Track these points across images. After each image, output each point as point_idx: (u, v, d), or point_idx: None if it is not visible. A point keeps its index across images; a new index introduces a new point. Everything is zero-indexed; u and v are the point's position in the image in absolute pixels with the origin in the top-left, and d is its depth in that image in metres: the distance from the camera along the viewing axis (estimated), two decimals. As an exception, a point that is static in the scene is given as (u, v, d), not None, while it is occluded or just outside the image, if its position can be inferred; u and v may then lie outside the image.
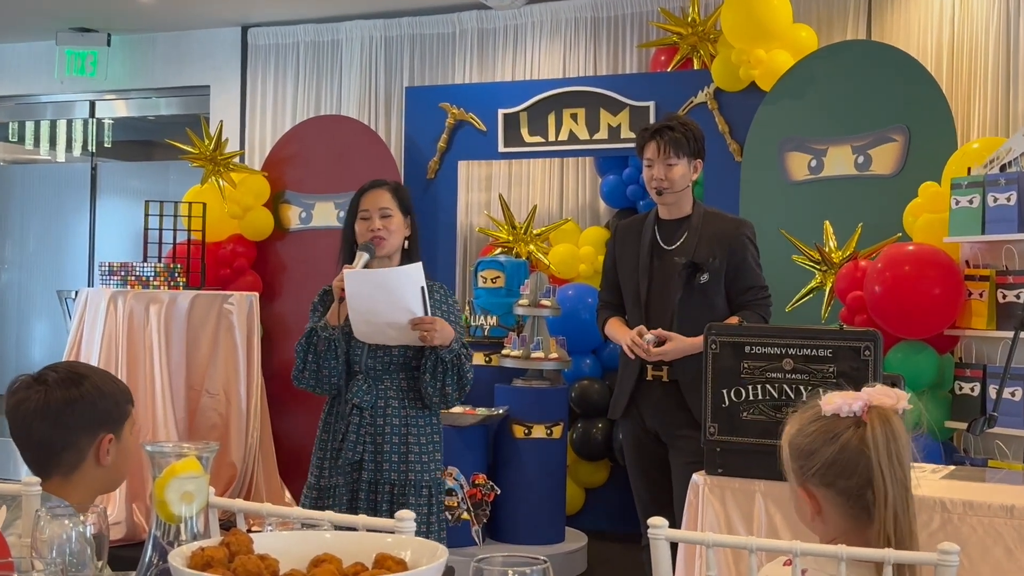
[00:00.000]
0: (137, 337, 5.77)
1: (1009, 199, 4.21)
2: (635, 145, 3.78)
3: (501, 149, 6.48)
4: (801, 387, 2.76)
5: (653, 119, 5.89)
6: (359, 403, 3.22)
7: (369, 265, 3.21)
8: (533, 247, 6.45)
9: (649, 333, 3.55)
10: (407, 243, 3.36)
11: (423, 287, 3.11)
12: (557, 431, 5.48)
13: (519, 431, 5.43)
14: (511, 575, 1.15)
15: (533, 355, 5.45)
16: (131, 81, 7.97)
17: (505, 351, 5.54)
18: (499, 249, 6.47)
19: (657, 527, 1.96)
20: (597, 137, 6.25)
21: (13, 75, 8.27)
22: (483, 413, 5.35)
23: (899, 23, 5.92)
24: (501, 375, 5.63)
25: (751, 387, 2.83)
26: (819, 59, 5.45)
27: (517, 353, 5.48)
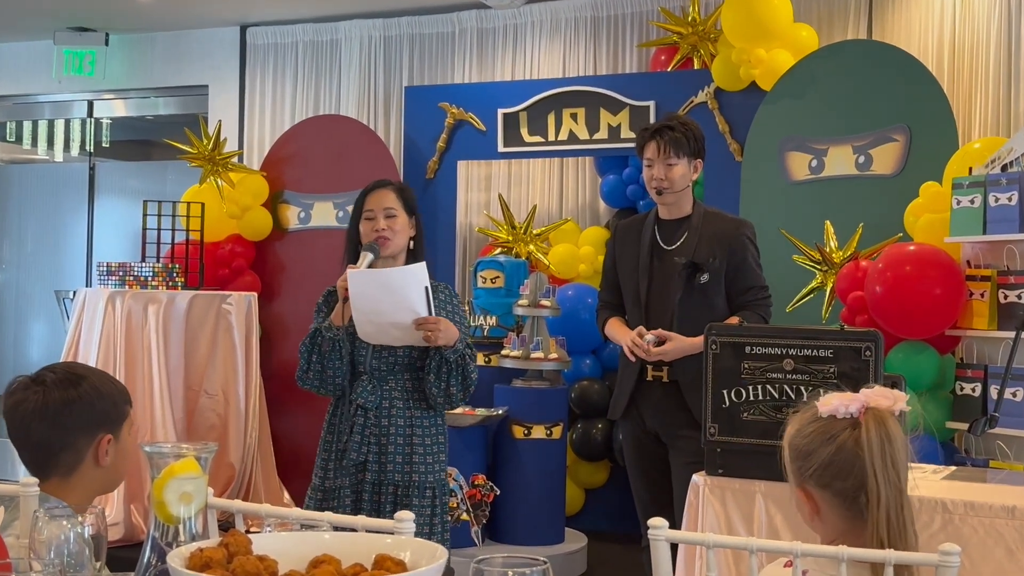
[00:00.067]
0: (135, 337, 5.76)
1: (1010, 199, 4.20)
2: (635, 145, 3.77)
3: (501, 149, 6.47)
4: (802, 387, 2.75)
5: (653, 119, 5.88)
6: (363, 404, 3.21)
7: (374, 265, 3.20)
8: (533, 247, 6.44)
9: (649, 333, 3.54)
10: (412, 243, 3.35)
11: (427, 287, 3.10)
12: (557, 431, 5.47)
13: (519, 431, 5.43)
14: (511, 576, 1.14)
15: (533, 355, 5.45)
16: (129, 81, 7.97)
17: (505, 351, 5.53)
18: (499, 249, 6.46)
19: (657, 528, 1.96)
20: (597, 137, 6.24)
21: (11, 75, 8.26)
22: (482, 413, 5.34)
23: (900, 22, 5.91)
24: (500, 375, 5.62)
25: (751, 387, 2.82)
26: (820, 59, 5.44)
27: (517, 353, 5.47)
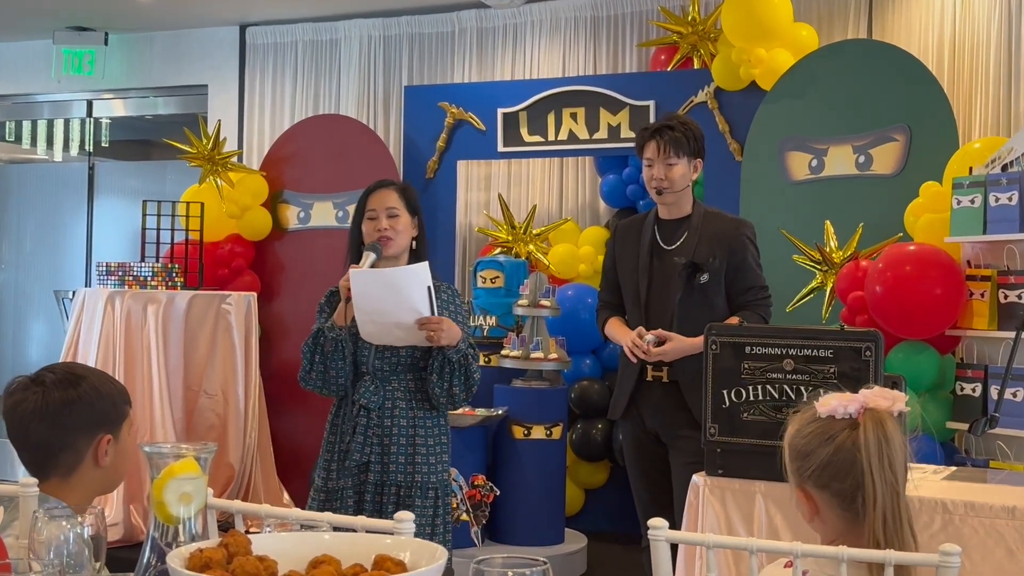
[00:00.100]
0: (135, 337, 5.76)
1: (1011, 199, 4.20)
2: (635, 145, 3.77)
3: (500, 149, 6.46)
4: (802, 388, 2.75)
5: (653, 118, 5.87)
6: (366, 404, 3.20)
7: (376, 265, 3.19)
8: (532, 247, 6.44)
9: (649, 334, 3.54)
10: (414, 243, 3.34)
11: (430, 287, 3.09)
12: (557, 432, 5.47)
13: (518, 432, 5.42)
14: (511, 576, 1.14)
15: (532, 355, 5.44)
16: (129, 80, 7.96)
17: (504, 351, 5.53)
18: (498, 249, 6.46)
19: (657, 528, 1.95)
20: (597, 136, 6.24)
21: (10, 74, 8.26)
22: (482, 414, 5.33)
23: (900, 22, 5.90)
24: (500, 375, 5.61)
25: (751, 388, 2.82)
26: (820, 58, 5.44)
27: (516, 353, 5.46)
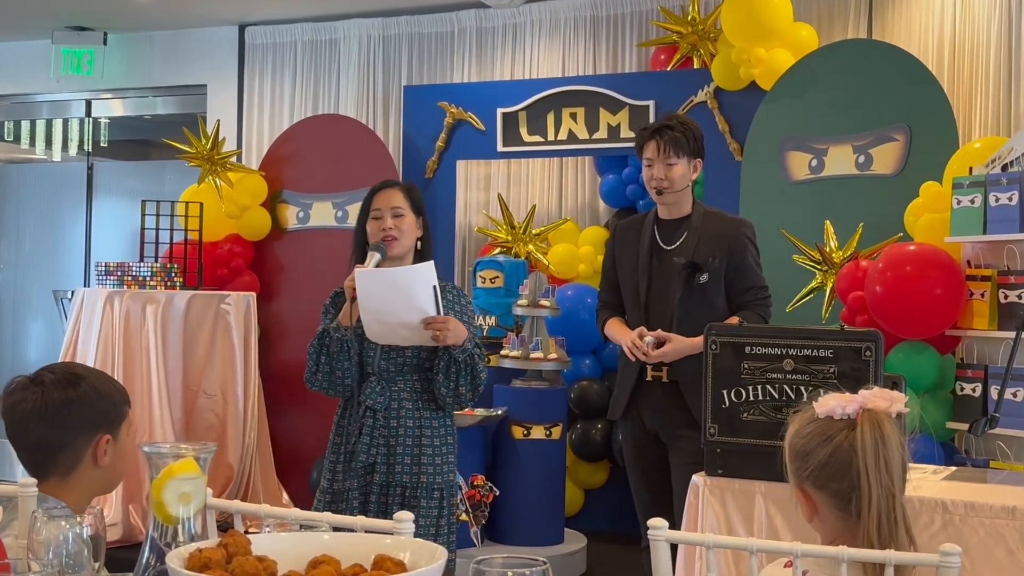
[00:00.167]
0: (134, 337, 5.76)
1: (1011, 199, 4.19)
2: (634, 144, 3.77)
3: (500, 148, 6.46)
4: (801, 388, 2.75)
5: (653, 118, 5.87)
6: (372, 405, 3.19)
7: (381, 265, 3.18)
8: (532, 247, 6.44)
9: (649, 335, 3.53)
10: (419, 243, 3.33)
11: (435, 286, 3.08)
12: (556, 432, 5.46)
13: (518, 432, 5.42)
14: (510, 576, 1.13)
15: (532, 355, 5.44)
16: (128, 80, 7.96)
17: (504, 351, 5.52)
18: (498, 249, 6.45)
19: (657, 528, 1.95)
20: (596, 136, 6.23)
21: (9, 74, 8.25)
22: (482, 414, 5.33)
23: (900, 22, 5.90)
24: (500, 376, 5.61)
25: (751, 388, 2.82)
26: (820, 58, 5.43)
27: (516, 353, 5.46)
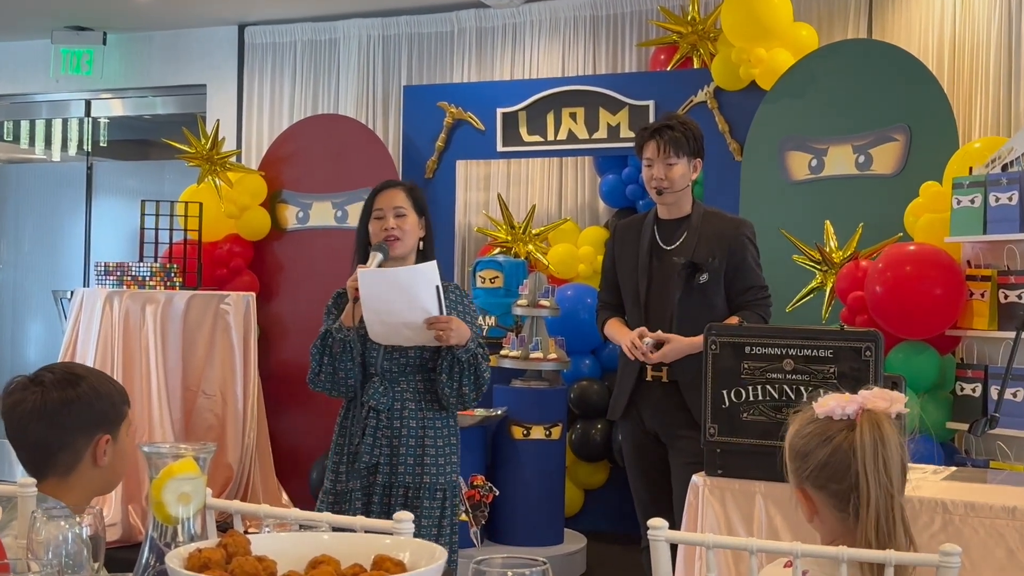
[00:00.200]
0: (133, 337, 5.75)
1: (1011, 199, 4.19)
2: (634, 144, 3.76)
3: (500, 148, 6.45)
4: (801, 388, 2.75)
5: (652, 118, 5.87)
6: (375, 405, 3.18)
7: (383, 266, 3.17)
8: (532, 247, 6.43)
9: (648, 336, 3.53)
10: (422, 244, 3.32)
11: (438, 286, 3.07)
12: (556, 432, 5.46)
13: (518, 432, 5.42)
14: (510, 576, 1.13)
15: (532, 356, 5.44)
16: (127, 80, 7.95)
17: (504, 351, 5.52)
18: (498, 249, 6.45)
19: (657, 528, 1.95)
20: (596, 136, 6.23)
21: (8, 74, 8.25)
22: (481, 414, 5.33)
23: (900, 22, 5.90)
24: (499, 376, 5.60)
25: (751, 388, 2.82)
26: (820, 58, 5.43)
27: (516, 354, 5.46)
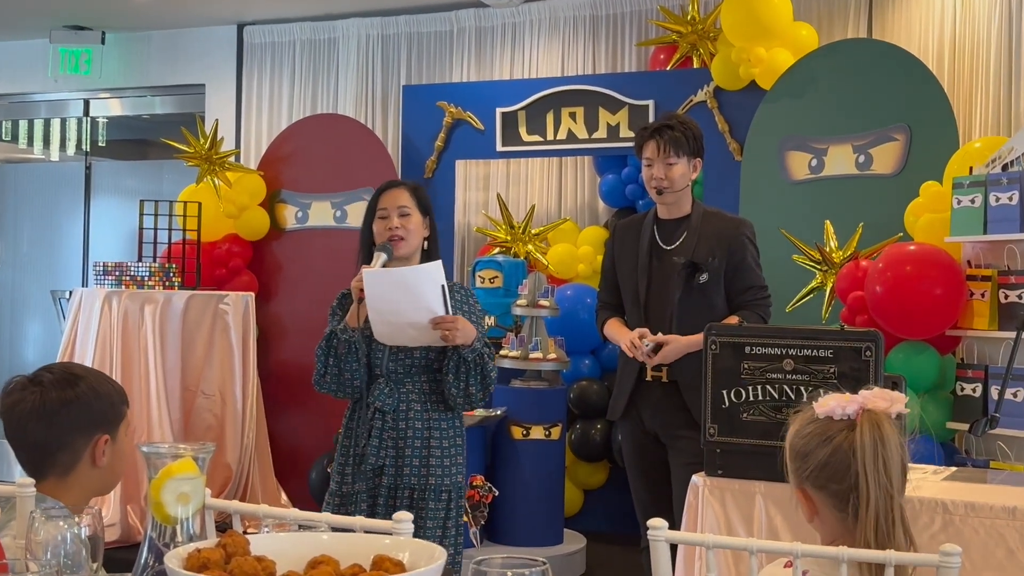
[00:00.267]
0: (132, 337, 5.74)
1: (1011, 199, 4.19)
2: (634, 144, 3.76)
3: (499, 148, 6.45)
4: (801, 388, 2.74)
5: (652, 118, 5.87)
6: (381, 407, 3.17)
7: (388, 266, 3.16)
8: (531, 247, 6.43)
9: (648, 338, 3.52)
10: (426, 243, 3.31)
11: (443, 285, 3.06)
12: (556, 432, 5.46)
13: (517, 432, 5.41)
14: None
15: (531, 356, 5.43)
16: (126, 79, 7.95)
17: (503, 352, 5.51)
18: (497, 249, 6.45)
19: (657, 528, 1.95)
20: (596, 136, 6.23)
21: (6, 73, 8.24)
22: (481, 414, 5.32)
23: (900, 21, 5.90)
24: (499, 376, 5.54)
25: (751, 388, 2.81)
26: (820, 58, 5.43)
27: (515, 354, 5.45)
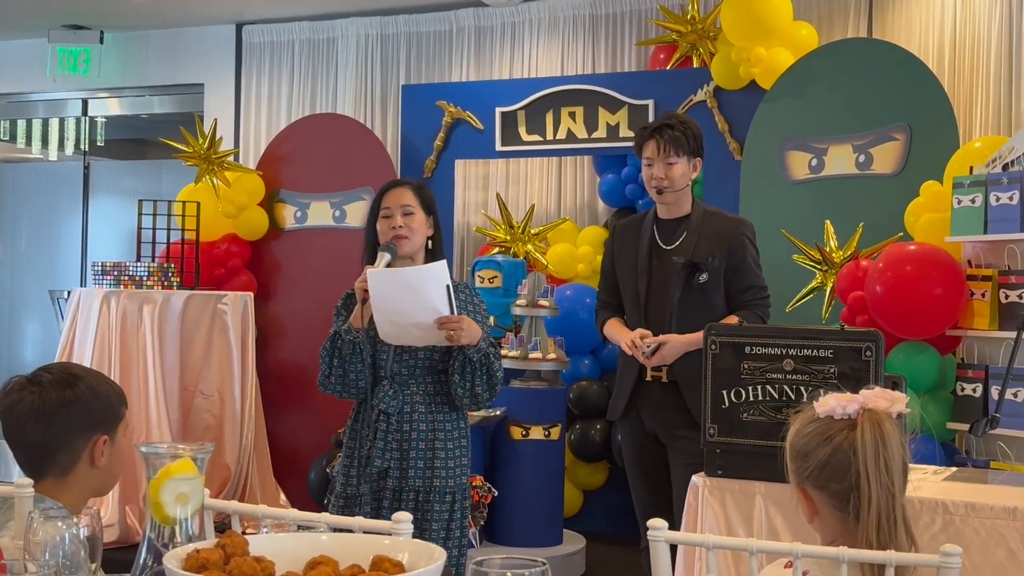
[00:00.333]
0: (130, 337, 5.74)
1: (1011, 198, 4.19)
2: (634, 144, 3.75)
3: (498, 148, 6.45)
4: (802, 388, 2.74)
5: (652, 118, 5.86)
6: (385, 409, 3.17)
7: (392, 265, 3.15)
8: (531, 247, 6.43)
9: (650, 339, 3.52)
10: (430, 243, 3.30)
11: (448, 285, 3.05)
12: (555, 432, 5.45)
13: (517, 432, 5.41)
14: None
15: (531, 356, 5.43)
16: (124, 79, 7.94)
17: (502, 352, 5.51)
18: (496, 249, 6.44)
19: (657, 529, 1.94)
20: (595, 136, 6.22)
21: (5, 73, 8.23)
22: (480, 414, 5.31)
23: (900, 21, 5.89)
24: (499, 376, 5.59)
25: (751, 388, 2.81)
26: (820, 57, 5.43)
27: (515, 354, 5.45)
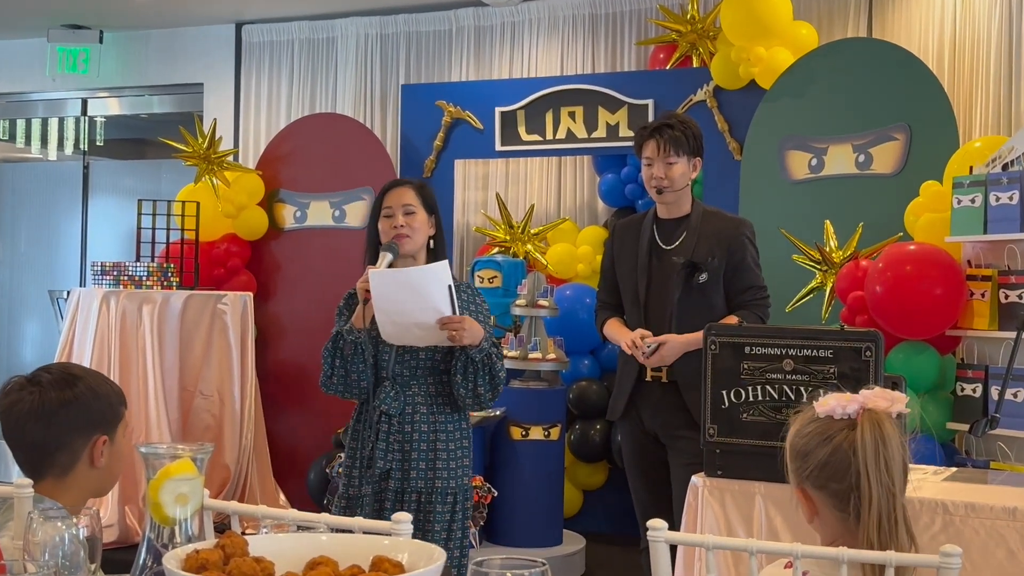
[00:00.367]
0: (130, 338, 5.74)
1: (1011, 198, 4.19)
2: (633, 144, 3.75)
3: (498, 148, 6.45)
4: (801, 388, 2.74)
5: (652, 117, 5.86)
6: (387, 410, 3.16)
7: (393, 265, 3.14)
8: (530, 247, 6.42)
9: (650, 339, 3.51)
10: (432, 242, 3.29)
11: (450, 285, 3.05)
12: (555, 432, 5.45)
13: (516, 433, 5.40)
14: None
15: (531, 356, 5.43)
16: (124, 79, 7.94)
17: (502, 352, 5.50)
18: (496, 249, 6.44)
19: (657, 529, 1.94)
20: (595, 135, 6.22)
21: (4, 72, 8.22)
22: (480, 414, 5.30)
23: (900, 20, 5.89)
24: (498, 376, 5.59)
25: (751, 388, 2.80)
26: (819, 57, 5.43)
27: (514, 354, 5.45)
